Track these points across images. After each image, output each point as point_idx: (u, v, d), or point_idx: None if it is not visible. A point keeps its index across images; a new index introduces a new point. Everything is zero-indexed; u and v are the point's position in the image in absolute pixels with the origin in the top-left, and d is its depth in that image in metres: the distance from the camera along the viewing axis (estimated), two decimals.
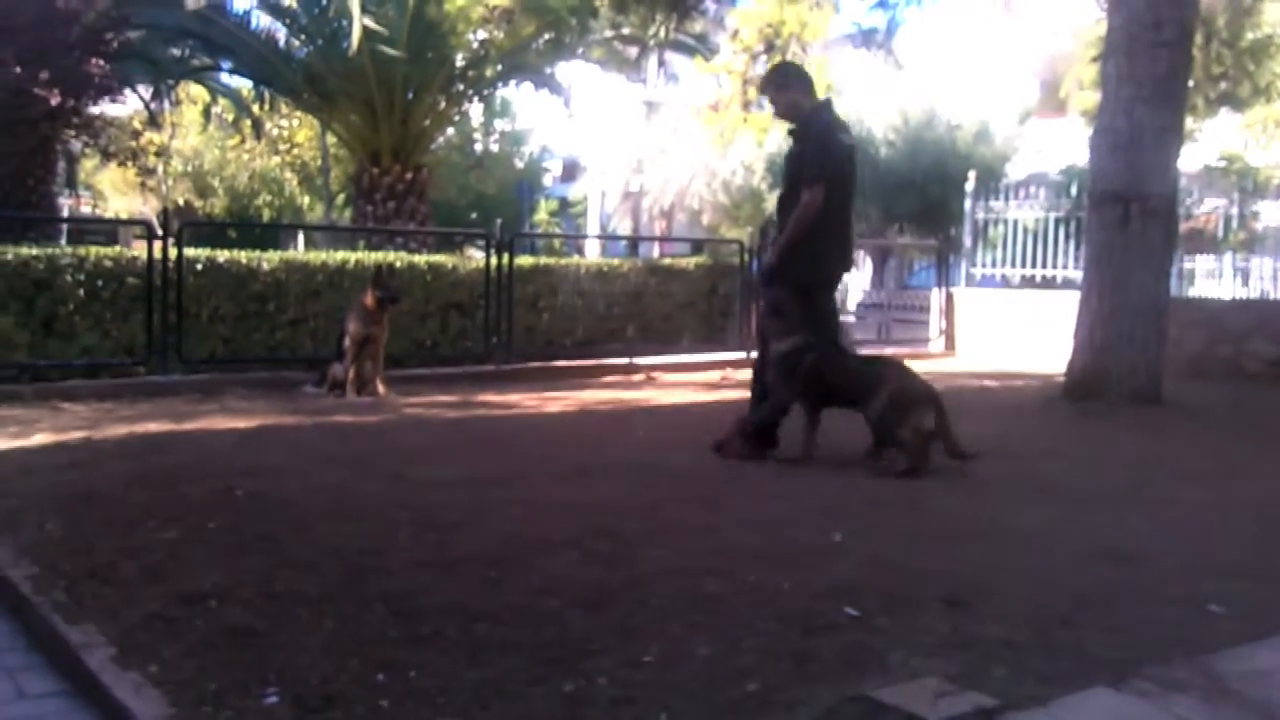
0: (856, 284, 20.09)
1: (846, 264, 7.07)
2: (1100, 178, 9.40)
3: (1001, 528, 4.96)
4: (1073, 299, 10.23)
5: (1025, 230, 14.67)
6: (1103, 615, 3.69)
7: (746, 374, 11.91)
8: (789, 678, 3.14)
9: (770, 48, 12.31)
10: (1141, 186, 9.08)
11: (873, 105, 22.17)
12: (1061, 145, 22.64)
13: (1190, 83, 9.59)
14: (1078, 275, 12.55)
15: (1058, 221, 14.30)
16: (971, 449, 6.13)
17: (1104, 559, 4.41)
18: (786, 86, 6.86)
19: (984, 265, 15.32)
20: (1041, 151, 22.61)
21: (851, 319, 17.79)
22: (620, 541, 4.51)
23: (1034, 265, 14.51)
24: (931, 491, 5.69)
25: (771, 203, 23.74)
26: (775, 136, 22.29)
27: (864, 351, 14.21)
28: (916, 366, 12.78)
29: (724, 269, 14.66)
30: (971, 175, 15.67)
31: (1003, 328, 14.25)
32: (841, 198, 6.66)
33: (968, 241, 15.31)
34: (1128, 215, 9.07)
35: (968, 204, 15.28)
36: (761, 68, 13.24)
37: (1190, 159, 13.35)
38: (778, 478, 5.99)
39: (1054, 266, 14.24)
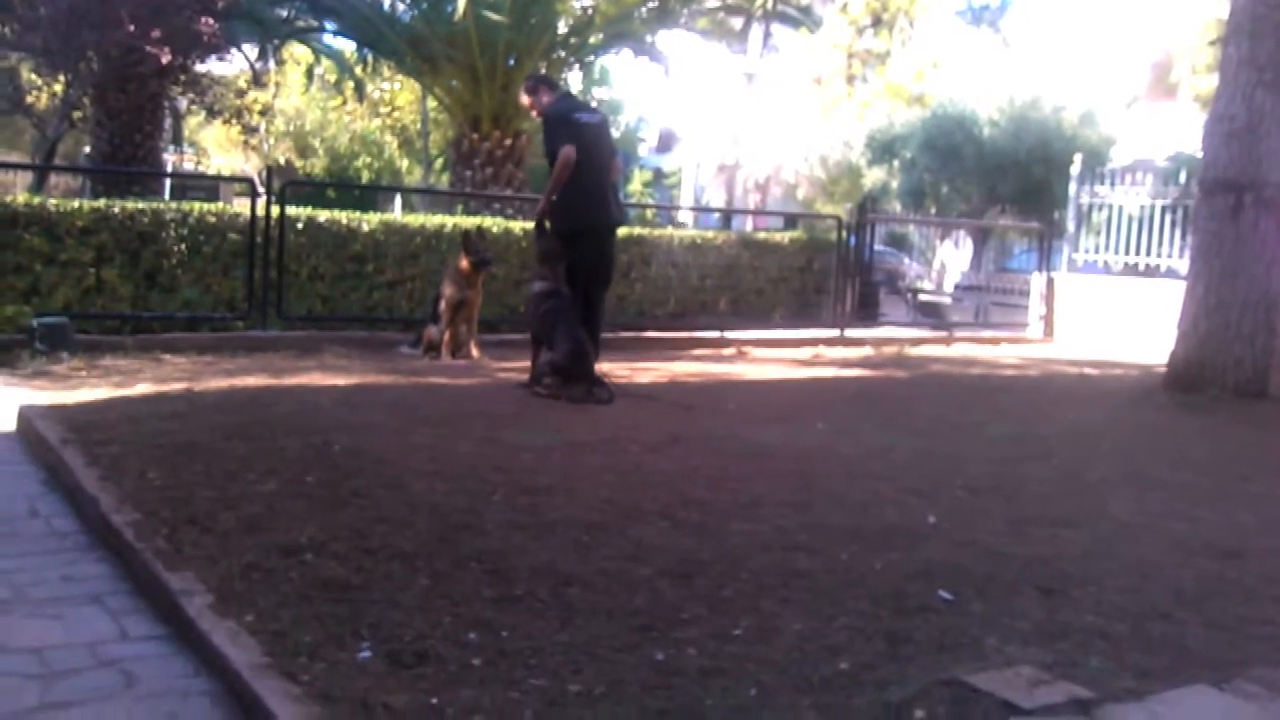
0: (955, 265, 19.80)
1: (606, 217, 8.48)
2: (1213, 165, 9.16)
3: (1099, 516, 4.87)
4: (1176, 289, 10.01)
5: (1130, 217, 14.36)
6: (1204, 611, 3.62)
7: (840, 352, 11.93)
8: (881, 657, 3.12)
9: (878, 21, 12.15)
10: (1257, 175, 8.83)
11: (978, 83, 21.84)
12: (1170, 131, 22.15)
13: None
14: (1182, 265, 12.32)
15: (1164, 209, 13.99)
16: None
17: (1205, 553, 4.31)
18: (535, 92, 8.73)
19: (1086, 251, 15.03)
20: (1149, 137, 22.13)
21: (948, 300, 17.55)
22: (710, 513, 4.51)
23: (1137, 253, 14.20)
24: (1026, 479, 5.60)
25: (870, 179, 23.61)
26: (878, 110, 22.05)
27: (958, 335, 14.10)
28: (1014, 351, 12.81)
29: (820, 245, 14.54)
30: (1077, 158, 15.37)
31: (1103, 315, 13.99)
32: (587, 163, 8.13)
33: (1071, 226, 15.03)
34: (1240, 205, 8.83)
35: (1072, 188, 14.99)
36: (869, 41, 13.06)
37: None
38: (871, 457, 5.94)
39: (1158, 255, 13.92)
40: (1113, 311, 13.86)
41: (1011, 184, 21.14)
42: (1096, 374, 10.95)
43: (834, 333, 13.08)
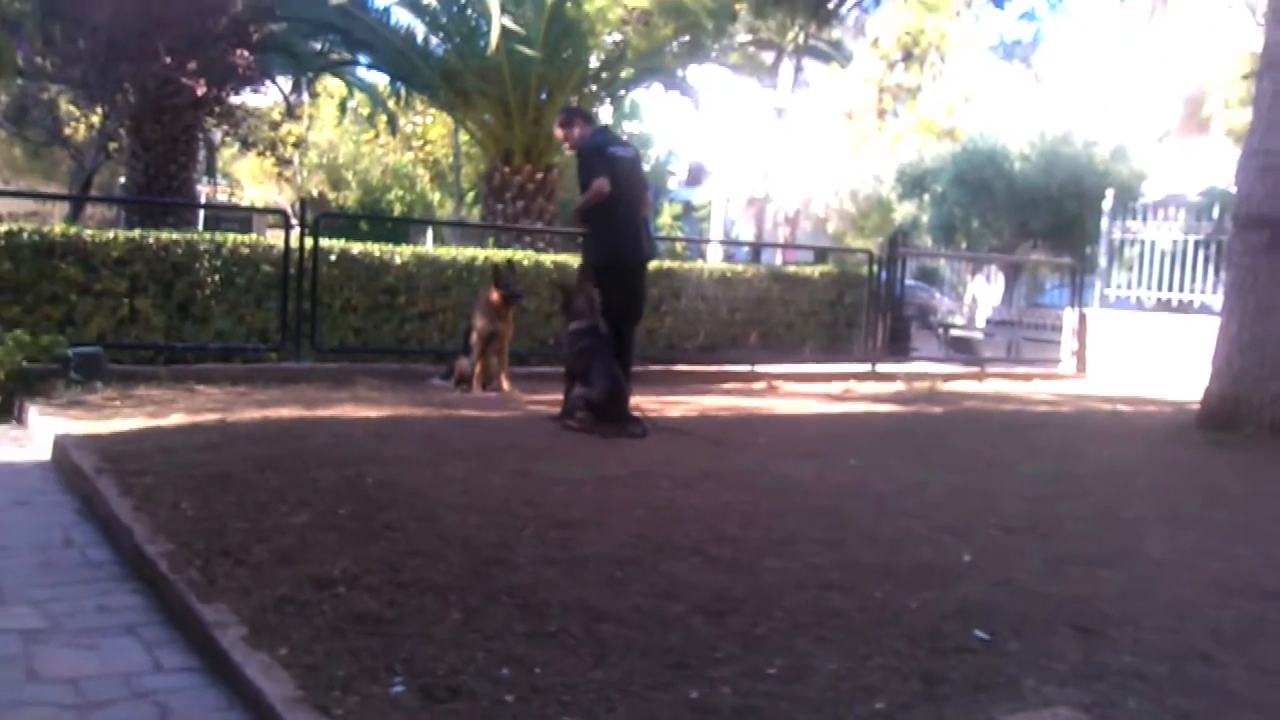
0: (986, 300, 19.74)
1: (637, 252, 8.54)
2: (1247, 200, 9.09)
3: (1135, 555, 4.82)
4: (1210, 325, 9.94)
5: (1162, 252, 14.29)
6: (1246, 653, 3.57)
7: (872, 386, 11.89)
8: (917, 698, 3.09)
9: (908, 56, 12.17)
10: None
11: (1009, 118, 21.84)
12: (1203, 165, 22.06)
13: None
14: (1215, 300, 12.23)
15: (1197, 244, 13.90)
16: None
17: (1245, 593, 4.26)
18: (570, 124, 8.76)
19: (1118, 286, 14.95)
20: (1181, 171, 22.06)
21: (980, 335, 17.49)
22: (743, 549, 4.49)
23: (1170, 288, 14.11)
24: (1061, 517, 5.56)
25: (901, 213, 23.58)
26: (909, 145, 22.07)
27: (990, 370, 14.04)
28: (1047, 387, 12.74)
29: (851, 279, 14.52)
30: (1109, 193, 15.32)
31: (1136, 351, 13.90)
32: (617, 196, 8.19)
33: (1103, 261, 14.96)
34: (1275, 240, 8.76)
35: (1104, 223, 14.93)
36: (900, 76, 13.09)
37: None
38: (904, 494, 5.90)
39: (1191, 290, 13.83)
40: (1146, 347, 13.77)
41: (1043, 219, 21.10)
42: (1130, 411, 10.87)
43: (865, 367, 13.03)
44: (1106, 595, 4.14)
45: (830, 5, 13.49)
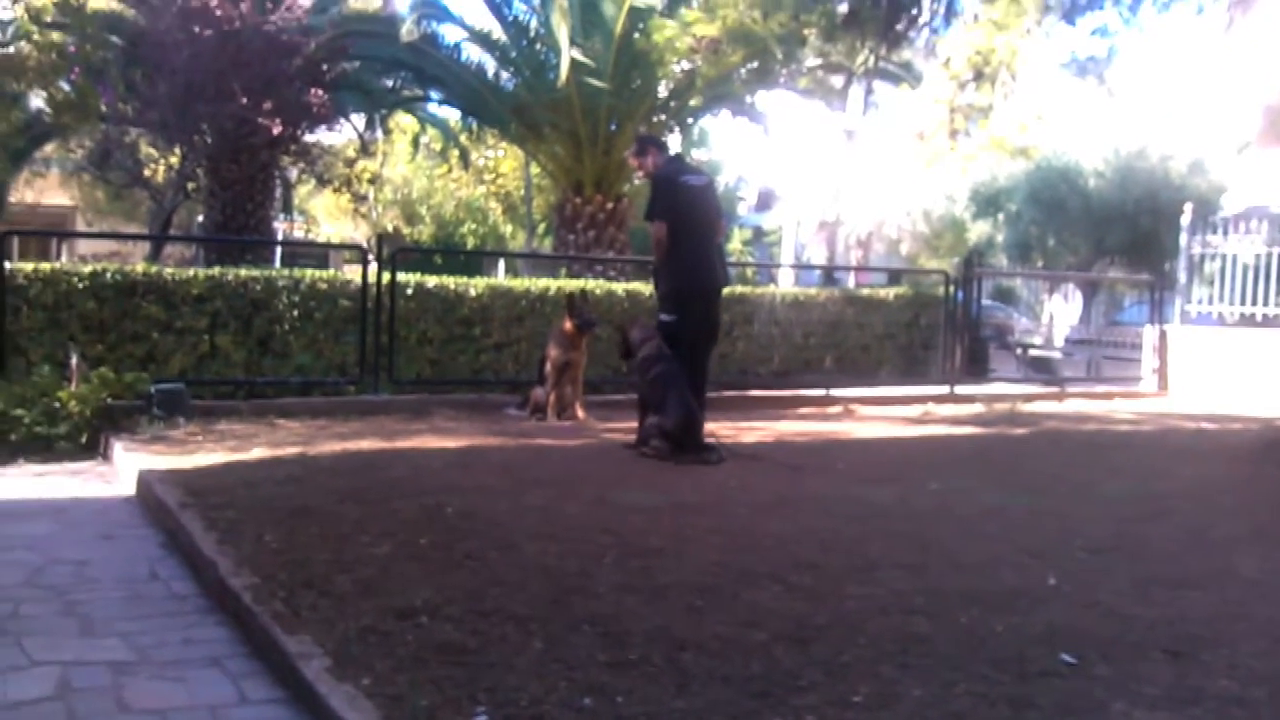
0: (1064, 318, 19.48)
1: (711, 280, 8.44)
2: None
3: (1225, 576, 4.72)
4: None
5: (1244, 266, 14.01)
6: None
7: (950, 409, 11.75)
8: None
9: (979, 75, 12.04)
10: None
11: (1082, 134, 21.59)
12: None
13: None
14: None
15: None
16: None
17: None
18: (644, 153, 8.73)
19: (1199, 302, 14.69)
20: (1262, 183, 21.64)
21: (1059, 354, 17.24)
22: (824, 576, 4.45)
23: (1253, 303, 13.85)
24: (1147, 538, 5.45)
25: (975, 232, 23.38)
26: (982, 164, 21.88)
27: (1070, 390, 13.83)
28: (1128, 406, 12.53)
29: (926, 300, 14.40)
30: (1187, 207, 15.06)
31: (1219, 368, 13.63)
32: (691, 226, 8.20)
33: (1183, 277, 14.71)
34: None
35: (1183, 238, 14.68)
36: (971, 95, 12.97)
37: None
38: (986, 518, 5.82)
39: (1275, 304, 13.55)
40: (1228, 363, 13.50)
41: (1119, 235, 20.82)
42: (1214, 428, 10.65)
43: (943, 389, 12.89)
44: (1197, 617, 4.05)
45: (899, 27, 13.41)
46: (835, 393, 12.12)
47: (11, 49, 12.69)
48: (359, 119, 21.95)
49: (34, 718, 3.33)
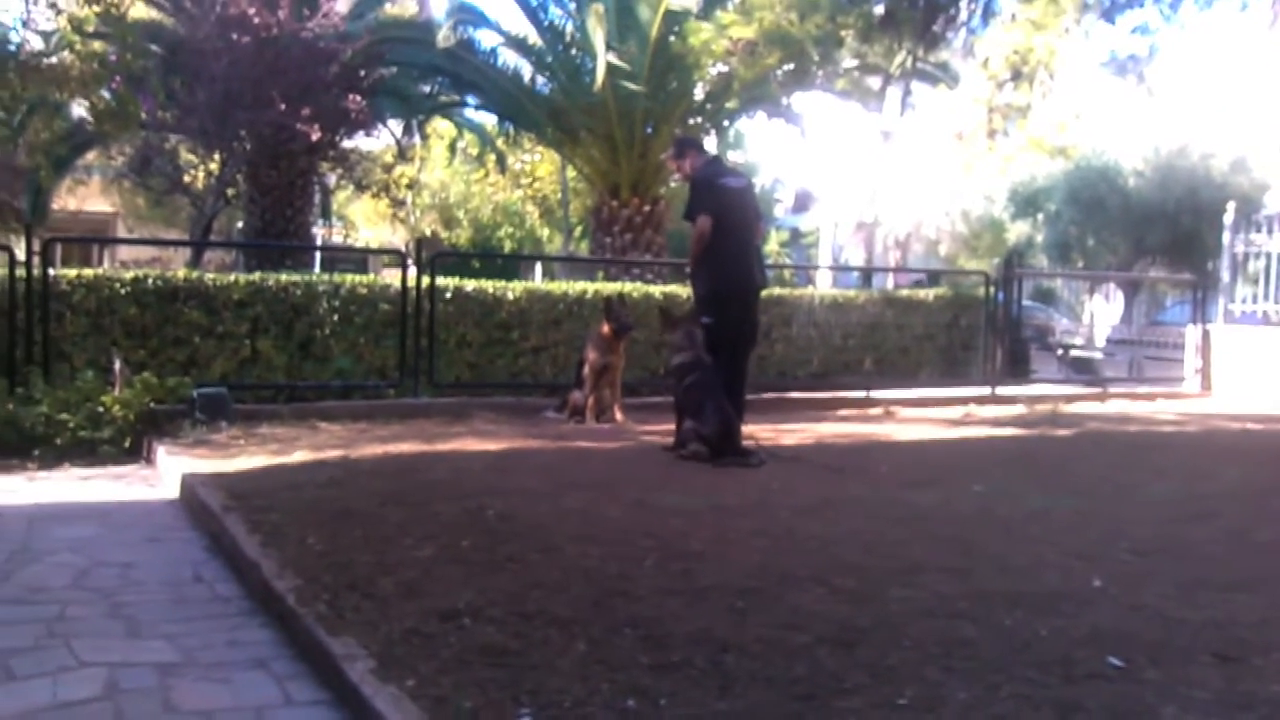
0: (1104, 318, 19.33)
1: (750, 281, 8.52)
2: None
3: (1274, 579, 4.65)
4: None
5: None
6: None
7: (992, 410, 11.68)
8: None
9: (1017, 75, 11.97)
10: None
11: (1121, 133, 21.42)
12: None
13: None
14: None
15: None
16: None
17: None
18: (682, 155, 8.78)
19: (1243, 301, 14.53)
20: None
21: (1100, 355, 17.10)
22: (867, 579, 4.42)
23: None
24: (1193, 541, 5.38)
25: (1014, 232, 23.24)
26: (1021, 164, 21.76)
27: (1112, 390, 13.71)
28: (1171, 407, 12.40)
29: (966, 301, 14.32)
30: (1230, 206, 14.91)
31: (1264, 368, 13.47)
32: (730, 227, 8.22)
33: (1226, 276, 14.56)
34: None
35: (1226, 236, 14.54)
36: (1009, 95, 12.90)
37: None
38: (1030, 520, 5.78)
39: None
40: (1273, 363, 13.33)
41: (1160, 235, 20.65)
42: (1259, 429, 10.52)
43: (984, 391, 12.80)
44: (1246, 621, 3.99)
45: (937, 28, 13.37)
46: (875, 394, 12.06)
47: (54, 59, 12.81)
48: (396, 124, 22.08)
49: (84, 717, 3.36)
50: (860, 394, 12.08)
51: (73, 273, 9.65)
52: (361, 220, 35.16)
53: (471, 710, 3.06)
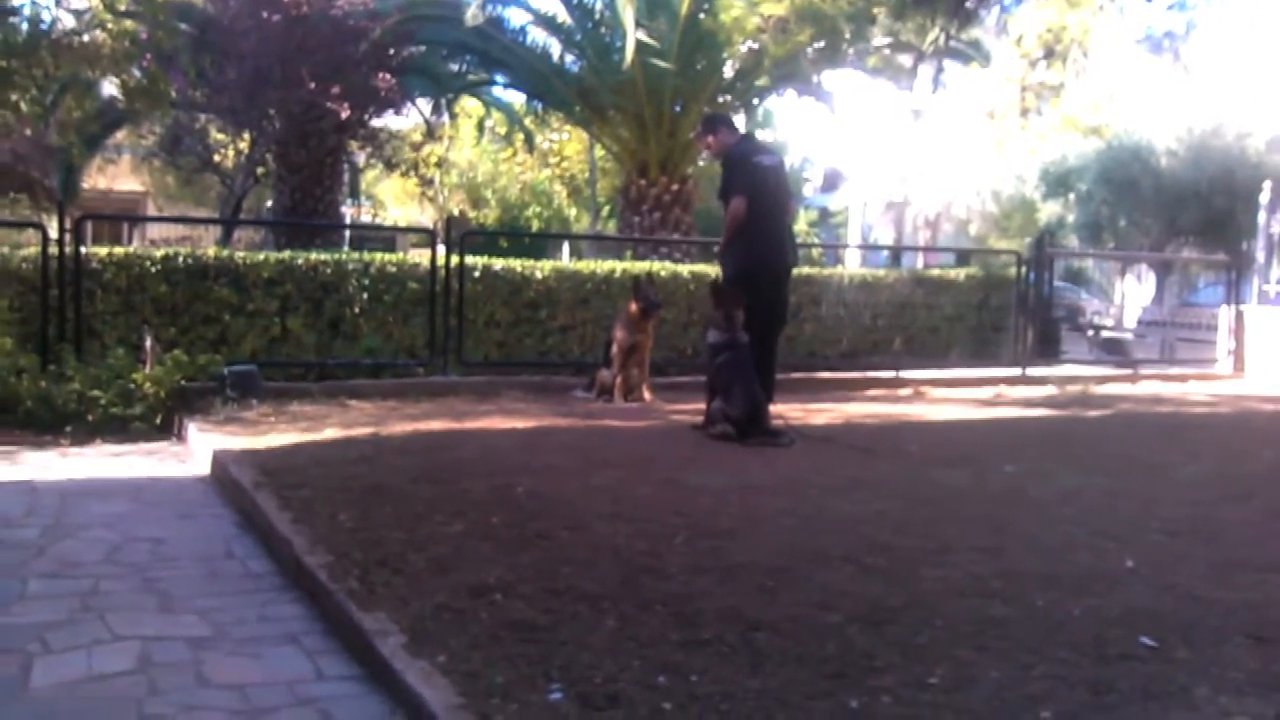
0: (1136, 299, 19.17)
1: (781, 259, 8.49)
2: None
3: None
4: None
5: None
6: None
7: (1022, 391, 11.62)
8: (1084, 707, 3.00)
9: (1050, 53, 11.88)
10: None
11: (1155, 112, 21.20)
12: None
13: None
14: None
15: None
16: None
17: None
18: (715, 131, 8.67)
19: (1278, 282, 14.38)
20: None
21: (1131, 336, 16.98)
22: (898, 558, 4.40)
23: None
24: (1226, 522, 5.34)
25: (1045, 213, 23.04)
26: (1053, 143, 21.57)
27: (1144, 371, 13.62)
28: (1203, 388, 12.30)
29: (997, 281, 14.22)
30: (1266, 185, 14.74)
31: None
32: (764, 206, 8.21)
33: (1261, 256, 14.43)
34: None
35: (1261, 216, 14.40)
36: (1042, 74, 12.79)
37: None
38: (1062, 500, 5.74)
39: None
40: None
41: (1193, 215, 20.41)
42: None
43: (1015, 371, 12.73)
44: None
45: (970, 5, 13.25)
46: (905, 374, 12.02)
47: (86, 37, 12.88)
48: (425, 103, 22.07)
49: (119, 689, 3.40)
50: (889, 374, 12.03)
51: (104, 251, 9.71)
52: (390, 199, 35.26)
53: (503, 685, 3.07)
